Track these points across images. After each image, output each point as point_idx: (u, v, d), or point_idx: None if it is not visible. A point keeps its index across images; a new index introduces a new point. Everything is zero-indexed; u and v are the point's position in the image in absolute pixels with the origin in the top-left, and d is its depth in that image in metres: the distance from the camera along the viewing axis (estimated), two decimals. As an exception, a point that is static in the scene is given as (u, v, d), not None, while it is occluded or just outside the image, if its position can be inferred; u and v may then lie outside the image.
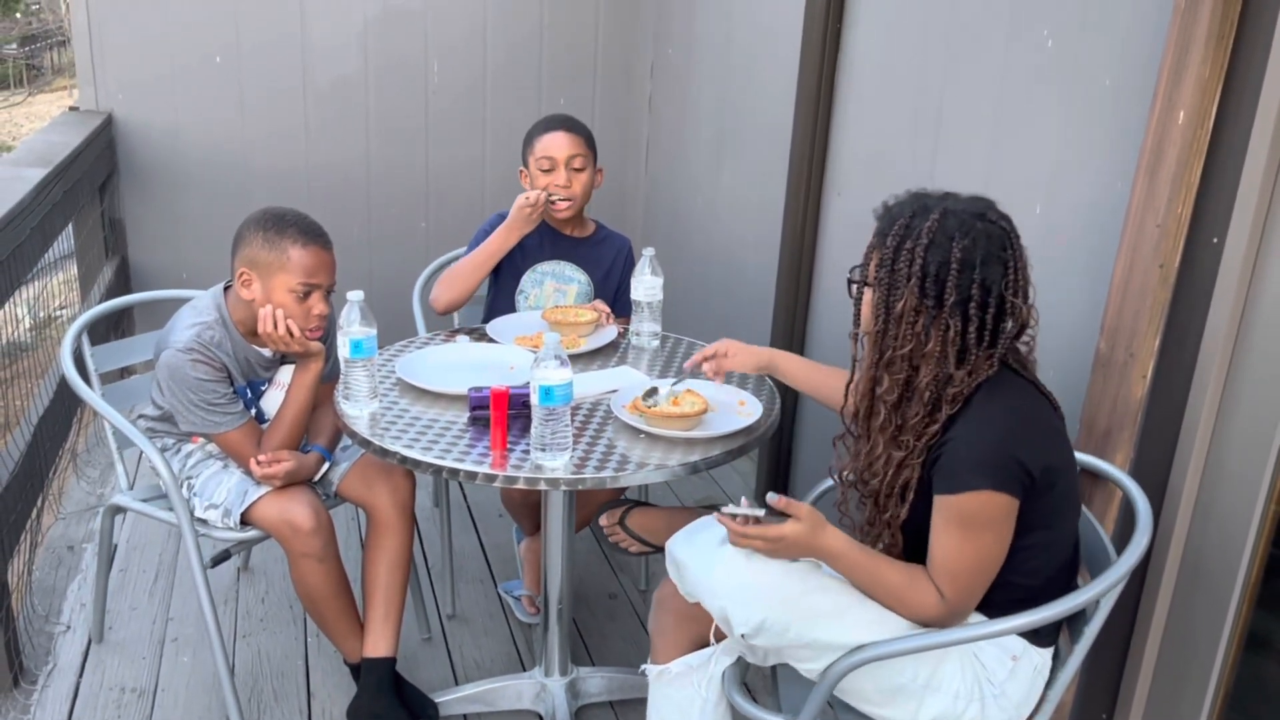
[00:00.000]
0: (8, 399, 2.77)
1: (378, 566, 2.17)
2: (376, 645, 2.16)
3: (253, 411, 2.18)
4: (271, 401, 2.22)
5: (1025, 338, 1.57)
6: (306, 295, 2.07)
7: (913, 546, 1.60)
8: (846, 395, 1.70)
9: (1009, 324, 1.53)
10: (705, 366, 2.01)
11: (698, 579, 1.62)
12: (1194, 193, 1.67)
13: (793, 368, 2.01)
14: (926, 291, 1.50)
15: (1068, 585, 1.62)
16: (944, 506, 1.51)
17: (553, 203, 2.46)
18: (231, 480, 2.12)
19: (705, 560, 1.61)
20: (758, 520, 1.53)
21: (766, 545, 1.54)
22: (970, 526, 1.49)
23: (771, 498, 1.54)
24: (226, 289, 2.15)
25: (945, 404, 1.51)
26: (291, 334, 2.06)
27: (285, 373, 2.22)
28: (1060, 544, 1.58)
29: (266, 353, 2.17)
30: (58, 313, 4.09)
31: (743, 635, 1.57)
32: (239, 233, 2.09)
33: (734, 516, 1.54)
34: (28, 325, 3.28)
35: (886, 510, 1.60)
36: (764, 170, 3.23)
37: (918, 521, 1.57)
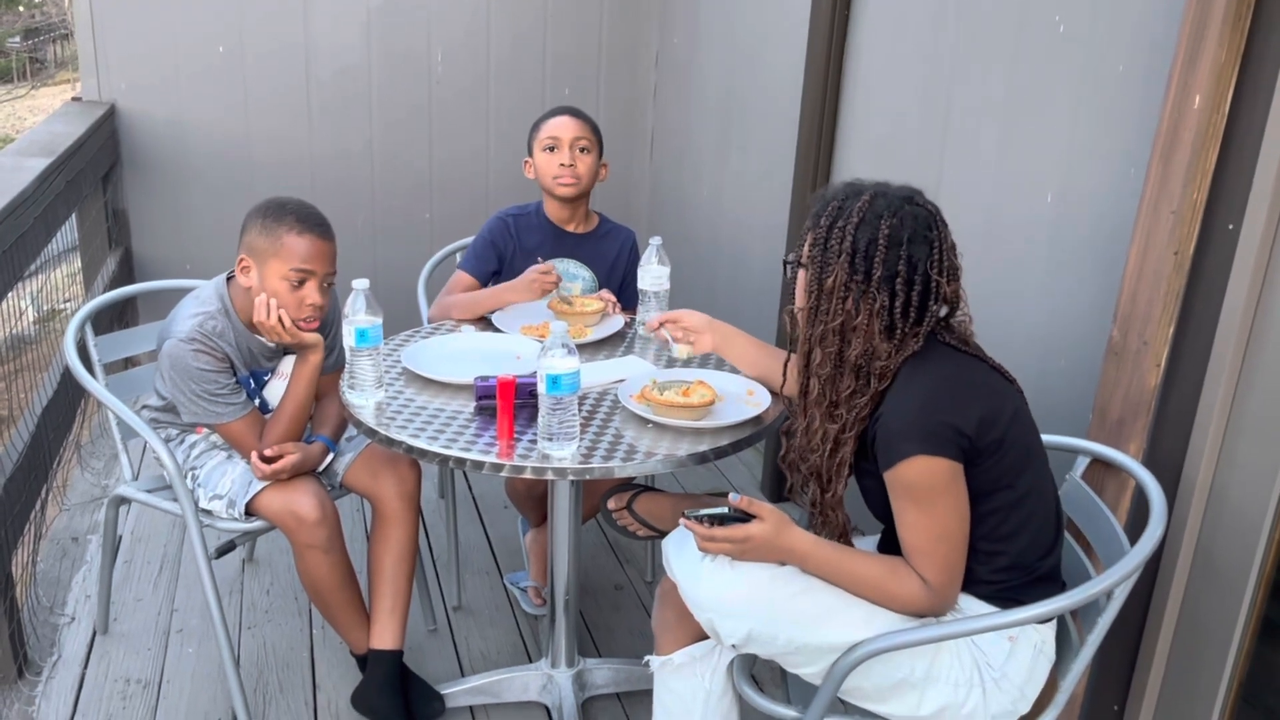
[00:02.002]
0: (12, 392, 2.76)
1: (383, 558, 2.16)
2: (382, 637, 2.14)
3: (255, 401, 2.17)
4: (275, 391, 2.21)
5: (960, 316, 1.61)
6: (300, 283, 2.04)
7: (890, 541, 1.61)
8: (785, 373, 1.75)
9: (934, 303, 1.56)
10: (669, 330, 2.02)
11: (685, 590, 1.63)
12: (1209, 178, 1.65)
13: (737, 352, 2.03)
14: (856, 267, 1.54)
15: (1053, 545, 1.62)
16: (891, 484, 1.52)
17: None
18: (236, 471, 2.11)
19: (691, 573, 1.62)
20: (721, 521, 1.54)
21: (733, 548, 1.55)
22: (918, 498, 1.50)
23: (734, 498, 1.55)
24: (230, 279, 2.13)
25: (874, 378, 1.55)
26: (283, 324, 2.04)
27: (289, 363, 2.20)
28: (1030, 502, 1.56)
29: (270, 343, 2.15)
30: (62, 305, 4.08)
31: (733, 646, 1.59)
32: (244, 221, 2.08)
33: (699, 519, 1.55)
34: (32, 318, 3.27)
35: (828, 490, 1.63)
36: (770, 159, 3.21)
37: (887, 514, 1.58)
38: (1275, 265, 1.62)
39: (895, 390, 1.55)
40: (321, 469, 2.16)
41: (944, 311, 1.59)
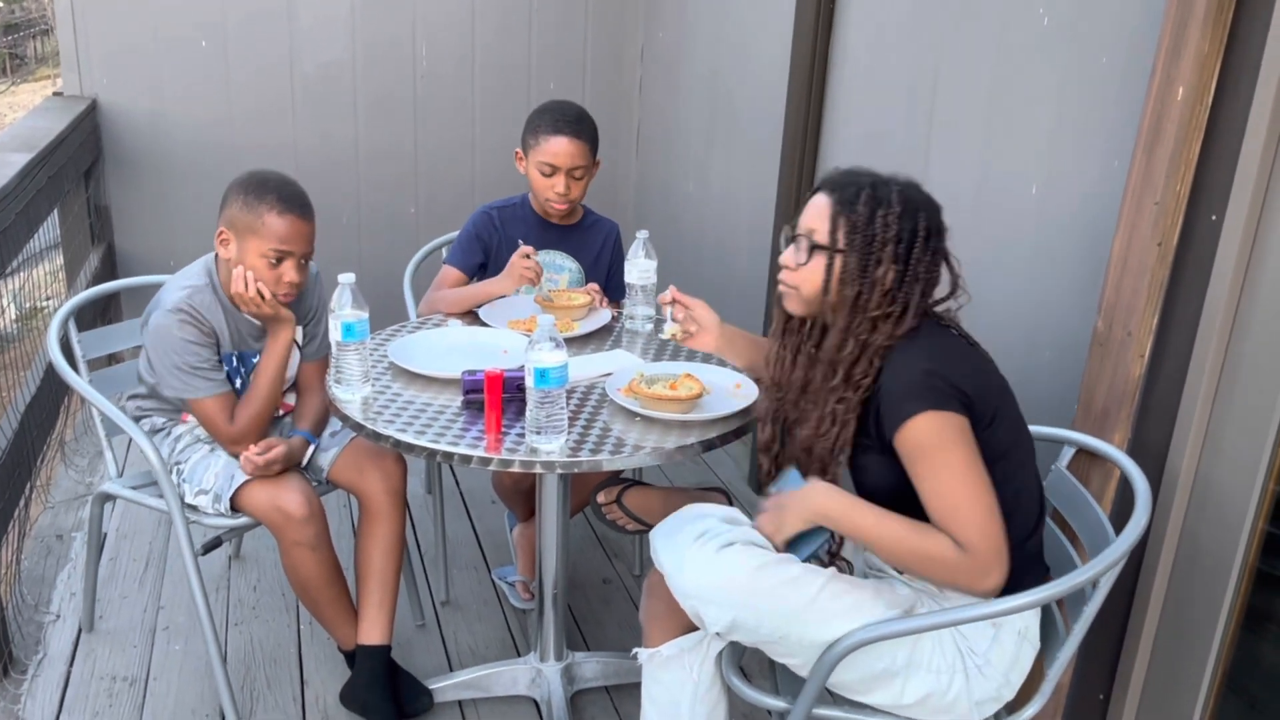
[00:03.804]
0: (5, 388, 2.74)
1: (370, 553, 2.15)
2: (370, 633, 2.14)
3: (237, 383, 2.16)
4: None
5: (951, 301, 1.65)
6: (278, 262, 2.04)
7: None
8: (794, 364, 1.70)
9: (933, 287, 1.61)
10: (676, 310, 1.98)
11: (671, 578, 1.63)
12: (1193, 169, 1.66)
13: (737, 353, 2.00)
14: (899, 256, 1.56)
15: (1036, 526, 1.64)
16: (902, 451, 1.52)
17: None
18: (219, 464, 2.09)
19: (678, 560, 1.62)
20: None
21: (772, 518, 1.61)
22: (931, 456, 1.49)
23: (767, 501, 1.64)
24: (218, 256, 2.13)
25: (877, 357, 1.57)
26: (262, 296, 2.04)
27: None
28: (1019, 480, 1.58)
29: (257, 320, 2.15)
30: (44, 303, 4.05)
31: (718, 633, 1.59)
32: (225, 193, 2.08)
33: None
34: (13, 316, 3.24)
35: (828, 471, 1.63)
36: (757, 154, 3.21)
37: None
38: (1258, 256, 1.63)
39: (891, 362, 1.56)
40: (305, 464, 2.15)
41: (948, 292, 1.64)
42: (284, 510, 2.01)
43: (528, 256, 2.33)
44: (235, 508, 2.06)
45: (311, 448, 2.17)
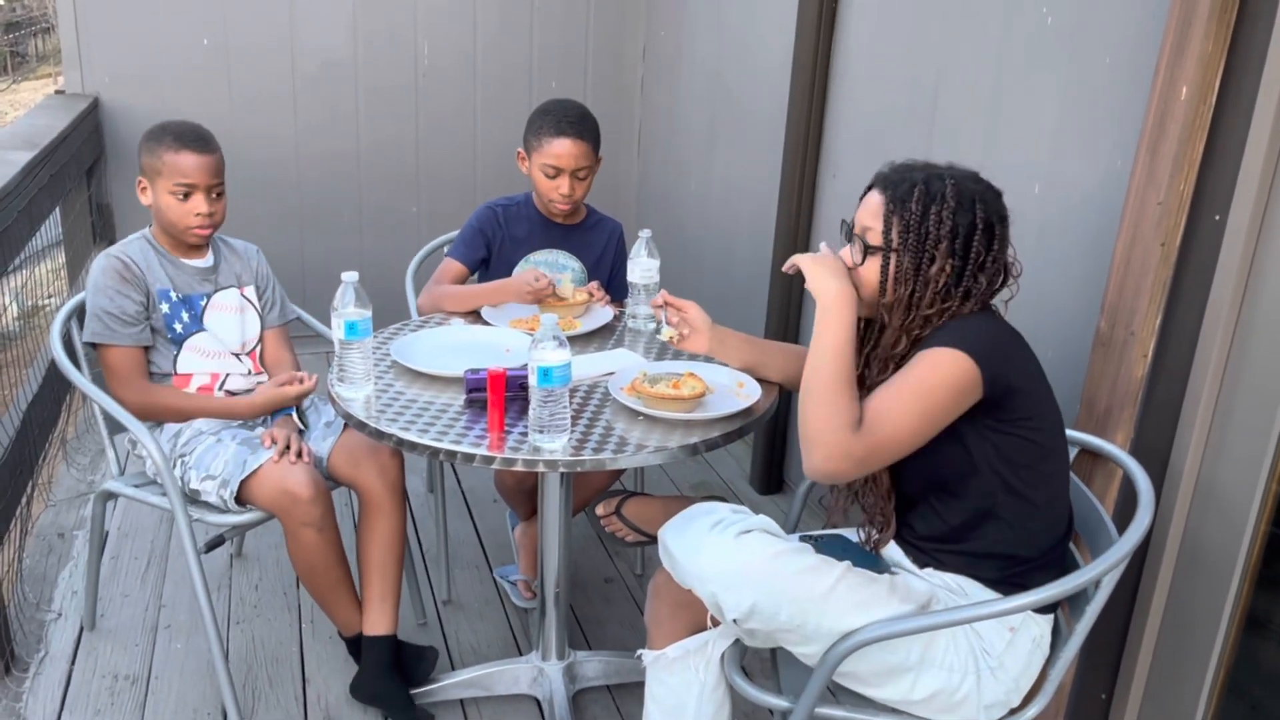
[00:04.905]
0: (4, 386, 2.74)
1: (372, 546, 2.16)
2: (376, 624, 2.15)
3: (178, 326, 2.22)
4: (215, 322, 2.27)
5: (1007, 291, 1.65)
6: (186, 197, 2.16)
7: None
8: (863, 359, 1.68)
9: (1011, 279, 1.61)
10: (669, 313, 1.97)
11: (687, 566, 1.62)
12: (1196, 169, 1.66)
13: (730, 353, 1.99)
14: (955, 252, 1.55)
15: (1065, 533, 1.64)
16: (915, 357, 1.53)
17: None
18: (228, 452, 2.09)
19: (693, 547, 1.61)
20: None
21: (815, 261, 1.65)
22: (917, 371, 1.50)
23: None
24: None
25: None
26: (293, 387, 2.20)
27: (226, 296, 2.29)
28: (1056, 481, 1.60)
29: (194, 262, 2.25)
30: (44, 301, 4.05)
31: (735, 620, 1.57)
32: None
33: None
34: (14, 314, 3.25)
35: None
36: (758, 153, 3.21)
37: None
38: (1261, 256, 1.63)
39: (960, 319, 1.56)
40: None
41: (1001, 283, 1.62)
42: (291, 492, 2.02)
43: (539, 279, 2.31)
44: (241, 499, 2.06)
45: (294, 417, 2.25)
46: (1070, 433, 1.84)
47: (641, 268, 2.30)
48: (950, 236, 1.54)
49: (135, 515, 2.95)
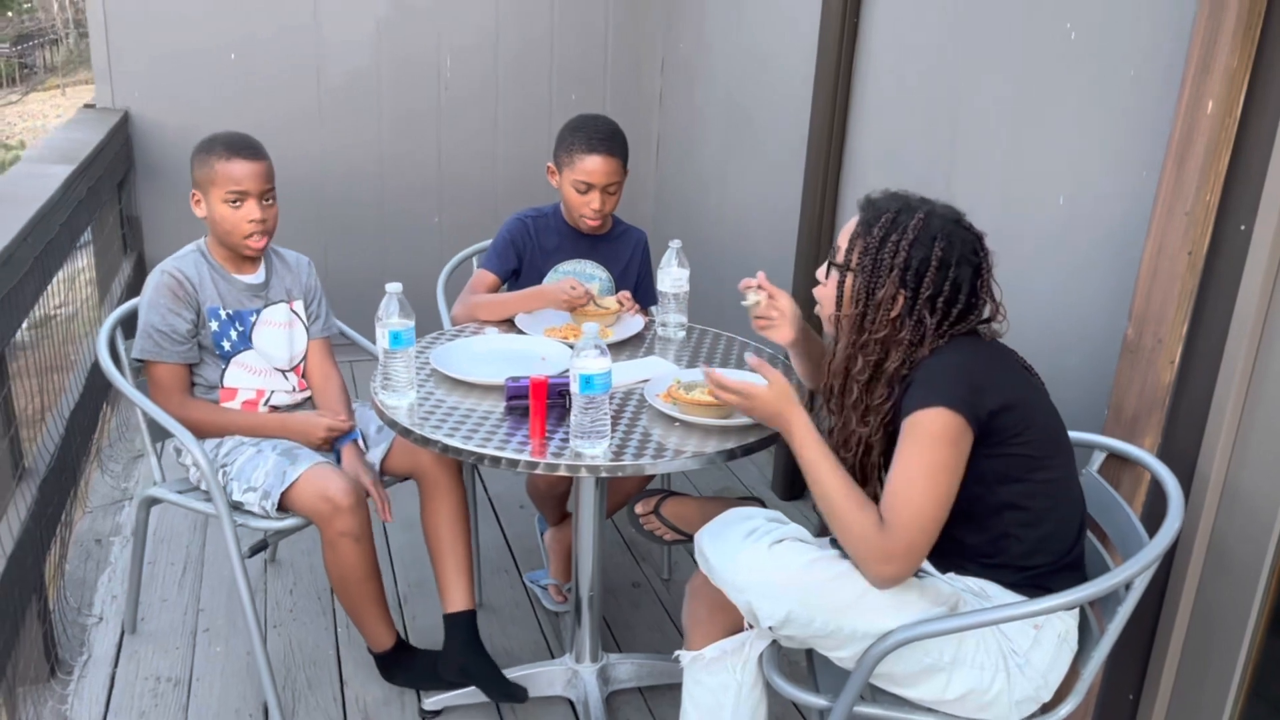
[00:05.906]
0: (41, 396, 2.78)
1: (439, 527, 2.23)
2: (454, 600, 2.23)
3: (225, 345, 2.26)
4: (264, 338, 2.31)
5: (994, 324, 1.70)
6: (239, 203, 2.20)
7: None
8: (827, 372, 1.75)
9: (974, 317, 1.66)
10: (760, 294, 1.97)
11: (723, 574, 1.66)
12: (1222, 181, 1.70)
13: (806, 350, 2.01)
14: (906, 283, 1.62)
15: (1078, 535, 1.68)
16: (903, 428, 1.57)
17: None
18: (269, 464, 2.14)
19: (729, 555, 1.66)
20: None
21: (740, 400, 1.71)
22: (919, 439, 1.53)
23: (749, 356, 1.78)
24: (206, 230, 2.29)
25: (896, 383, 1.64)
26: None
27: (276, 311, 2.34)
28: (1058, 488, 1.63)
29: (245, 278, 2.29)
30: (55, 311, 4.09)
31: (770, 628, 1.62)
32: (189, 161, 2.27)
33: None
34: (25, 324, 3.30)
35: (866, 486, 1.69)
36: (778, 166, 3.25)
37: None
38: (1286, 265, 1.67)
39: (929, 359, 1.61)
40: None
41: (985, 317, 1.68)
42: (332, 499, 2.07)
43: (575, 288, 2.36)
44: (283, 506, 2.11)
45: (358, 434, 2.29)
46: (1098, 438, 1.88)
47: (672, 277, 2.35)
48: (902, 267, 1.61)
49: (170, 522, 3.00)
